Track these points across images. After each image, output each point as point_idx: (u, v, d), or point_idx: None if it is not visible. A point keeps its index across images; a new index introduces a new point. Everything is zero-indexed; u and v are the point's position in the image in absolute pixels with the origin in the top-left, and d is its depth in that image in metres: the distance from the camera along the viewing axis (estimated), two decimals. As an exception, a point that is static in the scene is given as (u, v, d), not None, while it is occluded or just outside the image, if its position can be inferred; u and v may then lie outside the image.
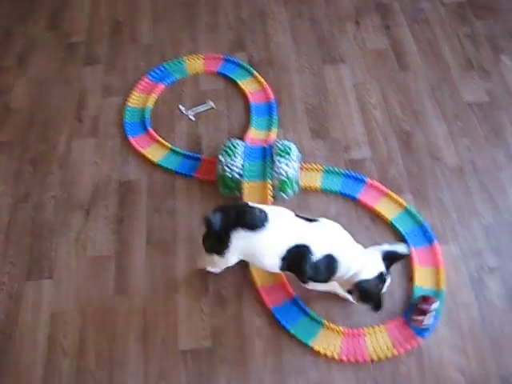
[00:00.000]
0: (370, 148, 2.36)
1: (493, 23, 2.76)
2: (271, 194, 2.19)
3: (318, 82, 2.59)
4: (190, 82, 2.65)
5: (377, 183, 2.24)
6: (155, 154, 2.41)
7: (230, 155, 2.23)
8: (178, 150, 2.41)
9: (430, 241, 2.09)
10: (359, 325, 1.92)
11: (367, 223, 2.16)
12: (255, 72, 2.64)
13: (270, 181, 2.19)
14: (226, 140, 2.32)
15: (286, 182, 2.18)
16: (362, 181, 2.26)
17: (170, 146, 2.42)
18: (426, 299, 1.91)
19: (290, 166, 2.19)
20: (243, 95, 2.58)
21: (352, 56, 2.68)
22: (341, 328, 1.91)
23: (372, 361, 1.84)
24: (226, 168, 2.21)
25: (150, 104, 2.58)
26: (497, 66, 2.60)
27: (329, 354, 1.86)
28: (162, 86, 2.64)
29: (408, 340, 1.87)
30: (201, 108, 2.55)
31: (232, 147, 2.26)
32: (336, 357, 1.85)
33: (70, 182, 2.36)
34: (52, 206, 2.30)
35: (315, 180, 2.28)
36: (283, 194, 2.22)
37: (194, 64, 2.71)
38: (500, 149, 2.33)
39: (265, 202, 2.17)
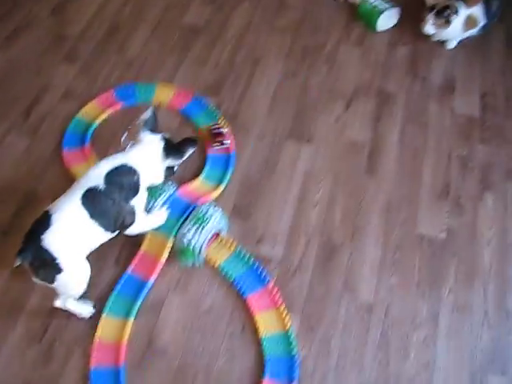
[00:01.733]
0: (285, 249, 2.07)
1: (495, 153, 2.34)
2: (167, 253, 2.02)
3: (271, 155, 2.32)
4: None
5: (276, 292, 1.96)
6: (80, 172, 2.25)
7: (154, 197, 2.05)
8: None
9: (289, 378, 1.79)
10: None
11: (235, 330, 1.90)
12: (220, 120, 2.40)
13: (171, 241, 2.01)
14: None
15: (185, 250, 1.97)
16: (264, 282, 1.99)
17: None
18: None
19: (197, 237, 1.96)
20: (201, 141, 2.34)
21: (322, 139, 2.37)
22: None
23: None
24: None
25: (99, 120, 2.43)
26: (475, 203, 2.20)
27: None
28: (119, 105, 2.48)
29: None
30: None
31: (160, 190, 2.08)
32: None
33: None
34: None
35: (220, 257, 2.04)
36: (180, 260, 2.02)
37: (163, 93, 2.52)
38: (427, 303, 1.96)
39: (158, 259, 2.01)
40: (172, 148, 1.92)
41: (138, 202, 1.89)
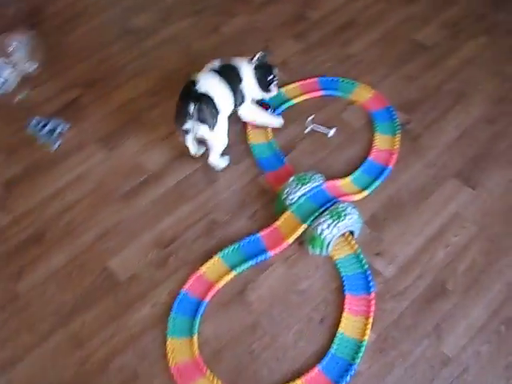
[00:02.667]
0: (395, 274, 2.10)
1: None
2: (297, 237, 2.17)
3: (430, 185, 2.32)
4: (340, 105, 2.62)
5: (374, 304, 2.02)
6: (257, 136, 2.59)
7: (301, 183, 2.24)
8: (273, 144, 2.52)
9: (337, 381, 1.86)
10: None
11: (316, 318, 2.01)
12: (398, 135, 2.49)
13: (305, 227, 2.17)
14: (312, 171, 2.32)
15: (315, 239, 2.12)
16: (368, 290, 2.06)
17: (271, 137, 2.54)
18: None
19: (330, 230, 2.10)
20: (368, 146, 2.47)
21: (488, 191, 2.29)
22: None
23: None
24: (287, 190, 2.24)
25: (297, 100, 2.69)
26: None
27: None
28: (319, 93, 2.70)
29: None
30: (321, 128, 2.54)
31: (308, 178, 2.26)
32: None
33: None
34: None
35: (339, 251, 2.17)
36: (308, 247, 2.17)
37: (361, 93, 2.67)
38: None
39: (285, 239, 2.17)
40: (259, 65, 2.41)
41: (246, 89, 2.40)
